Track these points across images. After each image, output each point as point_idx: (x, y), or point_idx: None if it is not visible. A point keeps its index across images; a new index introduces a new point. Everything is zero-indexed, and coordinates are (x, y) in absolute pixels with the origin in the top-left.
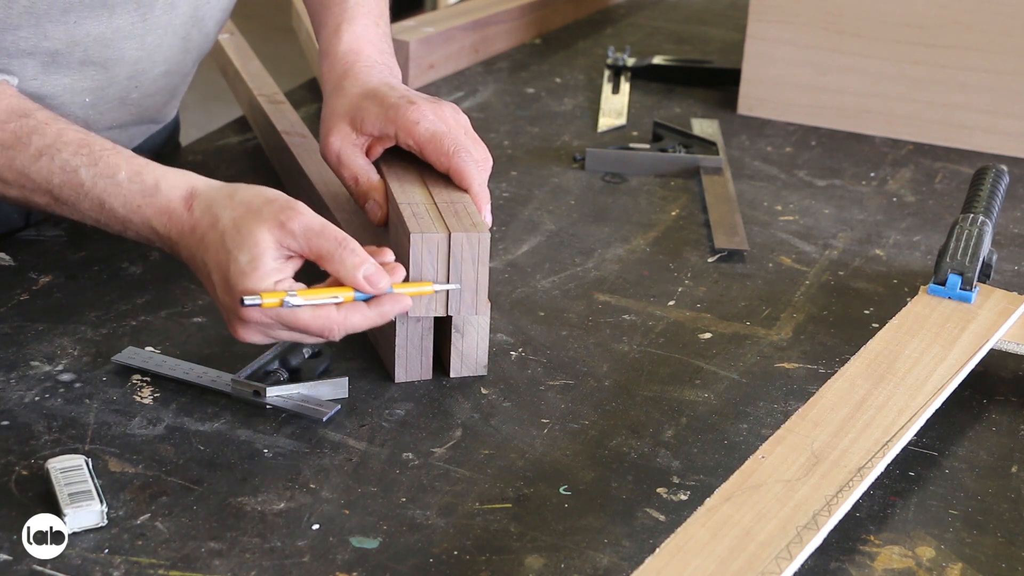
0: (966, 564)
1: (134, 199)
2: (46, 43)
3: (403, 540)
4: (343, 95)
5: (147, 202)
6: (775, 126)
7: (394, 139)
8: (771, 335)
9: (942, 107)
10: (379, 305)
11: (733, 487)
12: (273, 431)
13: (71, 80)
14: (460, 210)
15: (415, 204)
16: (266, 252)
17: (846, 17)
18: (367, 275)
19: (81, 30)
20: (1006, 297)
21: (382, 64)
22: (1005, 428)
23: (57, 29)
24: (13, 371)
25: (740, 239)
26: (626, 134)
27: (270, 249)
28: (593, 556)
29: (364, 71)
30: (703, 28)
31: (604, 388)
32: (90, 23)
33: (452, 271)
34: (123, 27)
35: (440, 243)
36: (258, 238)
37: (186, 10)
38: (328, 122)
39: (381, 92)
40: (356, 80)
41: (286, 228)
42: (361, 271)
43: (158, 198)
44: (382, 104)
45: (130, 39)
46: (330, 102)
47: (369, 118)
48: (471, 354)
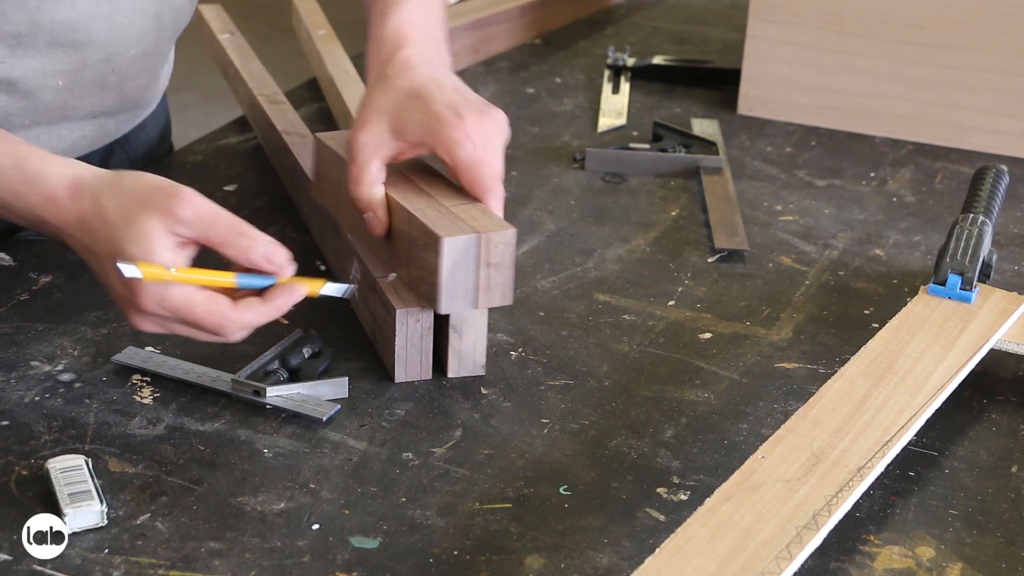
0: (966, 564)
1: (18, 187)
2: (8, 27)
3: (403, 540)
4: (387, 88)
5: (30, 190)
6: (775, 126)
7: (431, 150)
8: (771, 335)
9: (942, 107)
10: (272, 299)
11: (733, 487)
12: (273, 431)
13: (40, 63)
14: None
15: (428, 209)
16: (157, 242)
17: (846, 17)
18: (266, 254)
19: (44, 14)
20: (1006, 297)
21: (431, 52)
22: (1005, 428)
23: (18, 14)
24: (13, 371)
25: (740, 239)
26: (626, 134)
27: (161, 238)
28: (593, 556)
29: (411, 61)
30: (703, 28)
31: (604, 388)
32: (52, 7)
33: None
34: (88, 10)
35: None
36: (147, 228)
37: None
38: (365, 113)
39: (427, 93)
40: (403, 71)
41: (176, 216)
42: (260, 252)
43: (42, 186)
44: (427, 111)
45: (97, 21)
46: (373, 93)
47: (411, 123)
48: (469, 354)
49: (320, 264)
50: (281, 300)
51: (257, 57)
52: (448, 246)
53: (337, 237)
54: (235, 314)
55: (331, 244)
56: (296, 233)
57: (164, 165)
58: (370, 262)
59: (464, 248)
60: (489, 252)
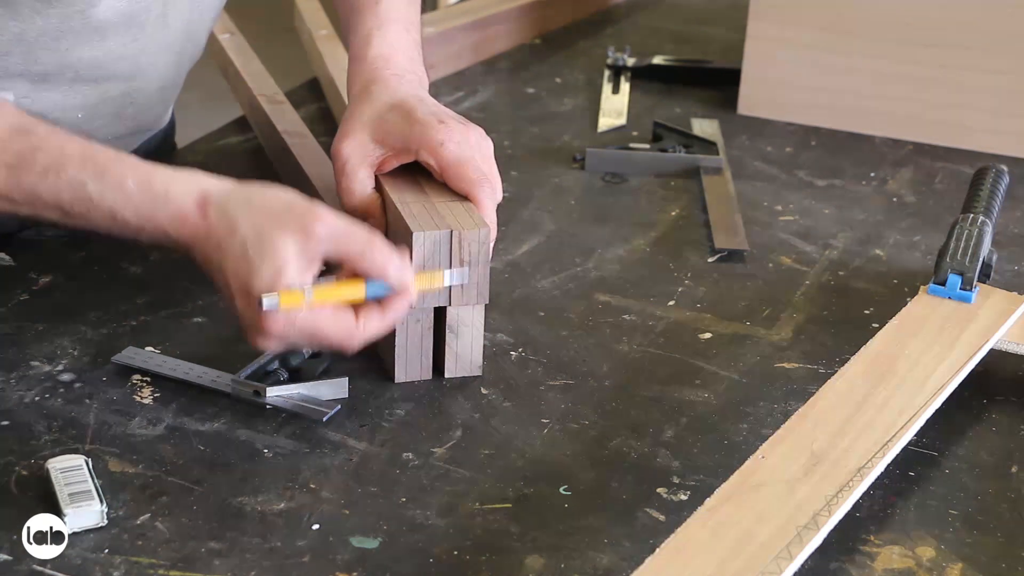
0: (966, 564)
1: (145, 208)
2: (37, 67)
3: (403, 540)
4: (370, 101)
5: (159, 210)
6: (775, 126)
7: (414, 155)
8: (771, 335)
9: (942, 107)
10: (391, 307)
11: (733, 487)
12: (273, 431)
13: (62, 97)
14: (459, 211)
15: (413, 203)
16: (289, 262)
17: (846, 17)
18: (398, 271)
19: (73, 56)
20: (1006, 297)
21: (411, 73)
22: (1005, 428)
23: (48, 56)
24: (13, 371)
25: (740, 239)
26: (626, 134)
27: (293, 258)
28: (593, 556)
29: (394, 79)
30: (703, 28)
31: (604, 388)
32: (82, 49)
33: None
34: (115, 49)
35: (442, 240)
36: (280, 247)
37: (179, 26)
38: (348, 125)
39: (409, 105)
40: (385, 88)
41: (312, 234)
42: (393, 267)
43: (170, 205)
44: (409, 119)
45: (123, 60)
46: (355, 106)
47: (394, 131)
48: (465, 355)
49: None
50: (399, 306)
51: (257, 57)
52: (419, 240)
53: None
54: (360, 326)
55: None
56: None
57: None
58: None
59: (435, 243)
60: (461, 249)
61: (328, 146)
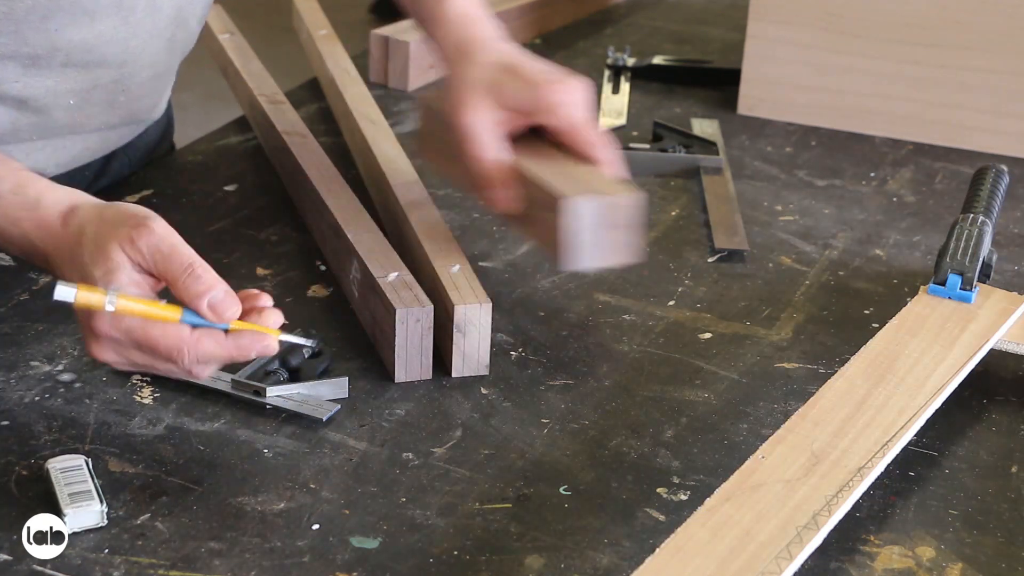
0: (966, 564)
1: (13, 212)
2: (26, 48)
3: (403, 540)
4: (473, 64)
5: (27, 216)
6: (775, 126)
7: (533, 117)
8: (771, 335)
9: (942, 107)
10: (238, 337)
11: (733, 487)
12: (273, 431)
13: (54, 82)
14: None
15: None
16: (119, 268)
17: (846, 17)
18: (212, 303)
19: (62, 37)
20: (1006, 297)
21: (498, 31)
22: (1005, 428)
23: (37, 36)
24: (13, 371)
25: (740, 239)
26: (626, 134)
27: (124, 265)
28: (593, 556)
29: (488, 39)
30: (703, 28)
31: (604, 388)
32: (71, 30)
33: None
34: (105, 32)
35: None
36: (110, 253)
37: (169, 12)
38: (461, 93)
39: (517, 63)
40: (483, 48)
41: (135, 244)
42: (206, 298)
43: (37, 212)
44: (524, 80)
45: (113, 43)
46: (458, 70)
47: (511, 92)
48: (473, 354)
49: (320, 264)
50: (247, 341)
51: (257, 57)
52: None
53: (337, 237)
54: (192, 340)
55: (331, 244)
56: (296, 233)
57: (165, 165)
58: (370, 262)
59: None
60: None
61: (328, 146)
